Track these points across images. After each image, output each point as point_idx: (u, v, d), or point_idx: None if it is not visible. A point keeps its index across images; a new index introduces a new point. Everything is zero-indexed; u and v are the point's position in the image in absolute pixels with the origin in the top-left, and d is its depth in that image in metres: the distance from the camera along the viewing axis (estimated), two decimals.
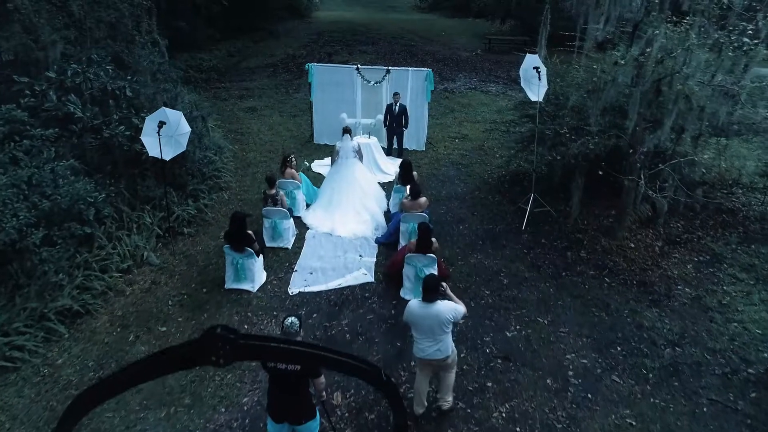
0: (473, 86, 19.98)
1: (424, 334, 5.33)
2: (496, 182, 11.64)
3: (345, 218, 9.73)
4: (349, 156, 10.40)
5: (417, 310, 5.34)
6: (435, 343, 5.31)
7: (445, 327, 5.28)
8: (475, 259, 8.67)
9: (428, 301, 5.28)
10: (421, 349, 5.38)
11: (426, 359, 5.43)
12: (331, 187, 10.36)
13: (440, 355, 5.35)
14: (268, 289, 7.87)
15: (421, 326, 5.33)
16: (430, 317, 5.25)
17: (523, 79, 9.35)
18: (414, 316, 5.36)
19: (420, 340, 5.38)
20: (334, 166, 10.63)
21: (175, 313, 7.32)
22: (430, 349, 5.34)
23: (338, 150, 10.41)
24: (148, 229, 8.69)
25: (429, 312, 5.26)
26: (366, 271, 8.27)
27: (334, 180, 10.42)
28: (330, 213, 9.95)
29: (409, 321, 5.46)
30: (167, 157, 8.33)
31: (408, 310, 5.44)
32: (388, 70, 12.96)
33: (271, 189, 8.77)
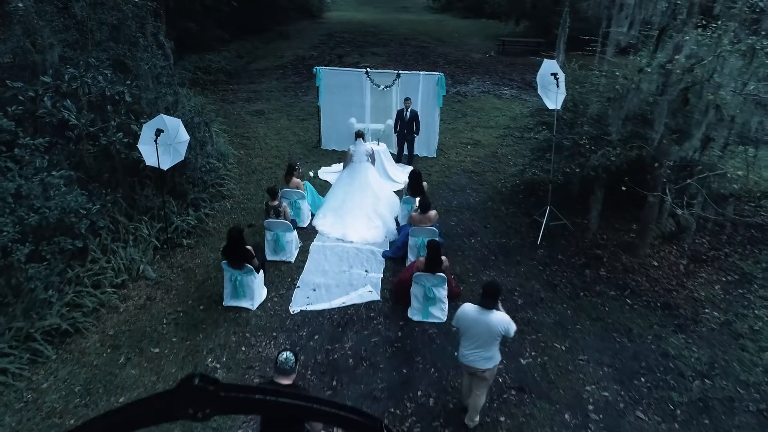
0: (486, 89, 19.48)
1: (471, 340, 5.17)
2: (510, 192, 11.15)
3: (356, 223, 9.43)
4: (363, 160, 10.09)
5: (471, 315, 5.14)
6: (480, 352, 5.15)
7: (495, 339, 5.11)
8: (487, 276, 8.19)
9: (486, 308, 5.09)
10: (464, 355, 5.24)
11: (466, 365, 5.30)
12: (344, 191, 10.02)
13: (481, 365, 5.19)
14: (269, 307, 7.46)
15: (470, 332, 5.16)
16: (483, 325, 5.07)
17: (540, 86, 8.86)
18: (467, 321, 5.17)
19: (465, 345, 5.22)
20: (347, 170, 10.29)
21: (170, 333, 6.93)
22: (472, 356, 5.18)
23: (351, 154, 10.12)
24: (145, 240, 8.32)
25: (483, 319, 5.07)
26: (372, 289, 7.84)
27: (347, 184, 10.09)
28: (341, 217, 9.63)
29: (460, 325, 5.28)
30: (165, 166, 7.95)
31: (462, 313, 5.23)
32: (398, 74, 12.52)
33: (273, 200, 8.37)
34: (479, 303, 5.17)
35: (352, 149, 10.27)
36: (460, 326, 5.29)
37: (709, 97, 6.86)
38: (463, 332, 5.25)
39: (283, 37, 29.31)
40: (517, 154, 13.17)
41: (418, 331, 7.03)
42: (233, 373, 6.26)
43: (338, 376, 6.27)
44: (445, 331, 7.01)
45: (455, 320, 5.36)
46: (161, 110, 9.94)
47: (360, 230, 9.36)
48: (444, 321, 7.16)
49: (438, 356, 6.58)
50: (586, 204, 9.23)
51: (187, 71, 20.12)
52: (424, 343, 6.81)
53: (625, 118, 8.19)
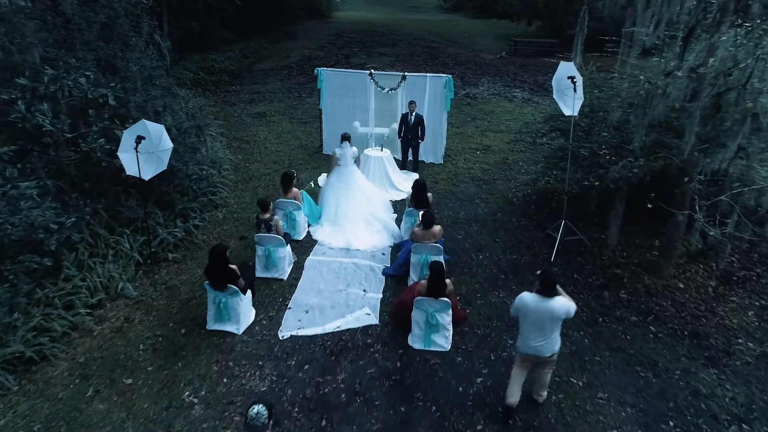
0: (497, 92, 18.77)
1: (532, 328, 5.18)
2: (521, 203, 10.44)
3: (357, 230, 8.99)
4: (349, 163, 9.70)
5: (531, 304, 5.16)
6: (543, 339, 5.17)
7: (556, 324, 5.17)
8: (497, 298, 7.51)
9: (545, 296, 5.11)
10: (527, 343, 5.25)
11: (529, 354, 5.29)
12: (336, 197, 9.53)
13: (545, 352, 5.23)
14: (256, 331, 6.82)
15: (531, 320, 5.17)
16: (544, 312, 5.10)
17: (556, 91, 8.15)
18: (527, 309, 5.18)
19: (527, 334, 5.24)
20: (334, 174, 9.78)
21: (146, 360, 6.31)
22: (535, 343, 5.20)
23: (338, 157, 9.66)
24: (126, 255, 7.73)
25: (544, 306, 5.10)
26: (369, 311, 7.17)
27: (337, 189, 9.60)
28: (339, 226, 9.14)
29: (520, 314, 5.27)
30: (146, 176, 7.35)
31: (521, 302, 5.24)
32: (403, 76, 11.84)
33: (264, 213, 7.73)
34: (537, 292, 5.18)
35: (338, 152, 9.76)
36: (519, 315, 5.29)
37: (748, 104, 6.12)
38: (523, 321, 5.26)
39: (290, 36, 28.75)
40: (529, 161, 12.46)
41: (419, 361, 6.36)
42: (211, 409, 5.63)
43: (328, 414, 5.61)
44: (449, 361, 6.34)
45: (514, 310, 5.35)
46: (150, 114, 9.38)
47: (363, 237, 8.93)
48: (448, 350, 6.49)
49: (440, 392, 5.90)
50: (604, 218, 8.55)
51: (189, 72, 19.63)
52: (425, 376, 6.13)
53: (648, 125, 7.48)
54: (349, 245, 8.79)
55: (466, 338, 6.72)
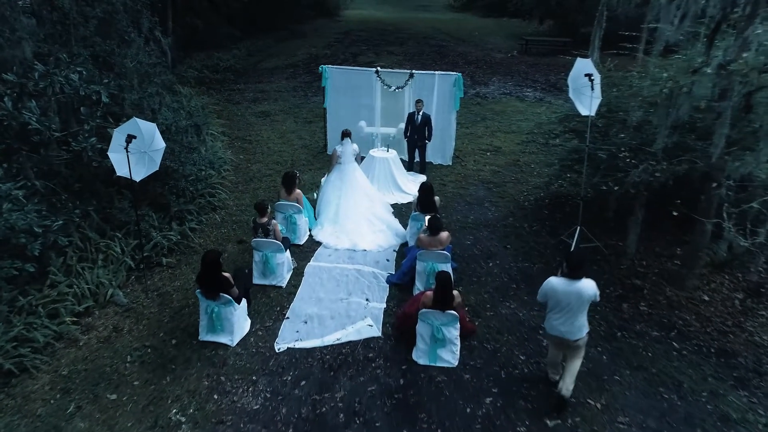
0: (508, 91, 18.29)
1: (560, 311, 5.22)
2: (534, 207, 9.97)
3: (360, 229, 8.68)
4: (351, 161, 9.38)
5: (560, 287, 5.18)
6: (570, 321, 5.20)
7: (584, 306, 5.18)
8: (507, 309, 7.06)
9: (573, 278, 5.13)
10: (554, 326, 5.31)
11: (557, 337, 5.35)
12: (337, 196, 9.21)
13: (572, 336, 5.25)
14: (251, 342, 6.42)
15: (560, 303, 5.20)
16: (573, 295, 5.12)
17: (572, 89, 7.68)
18: (555, 293, 5.21)
19: (554, 317, 5.29)
20: (335, 172, 9.43)
21: (133, 374, 5.92)
22: (563, 327, 5.24)
23: (339, 155, 9.33)
24: (117, 260, 7.35)
25: (572, 289, 5.13)
26: (372, 322, 6.75)
27: (338, 188, 9.28)
28: (341, 226, 8.82)
29: (548, 297, 5.31)
30: (138, 177, 6.96)
31: (549, 286, 5.27)
32: (411, 74, 11.42)
33: (261, 217, 7.33)
34: (565, 275, 5.19)
35: (339, 150, 9.43)
36: (548, 300, 5.30)
37: None
38: (552, 305, 5.28)
39: (298, 35, 28.40)
40: (541, 163, 11.98)
41: (423, 378, 5.92)
42: (200, 429, 5.23)
43: None
44: (456, 379, 5.89)
45: (541, 295, 5.38)
46: (147, 112, 9.02)
47: (367, 236, 8.65)
48: (455, 365, 6.04)
49: (447, 413, 5.46)
50: (622, 224, 8.06)
51: (193, 70, 19.36)
52: (430, 394, 5.69)
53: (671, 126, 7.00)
54: (354, 246, 8.47)
55: (475, 353, 6.27)
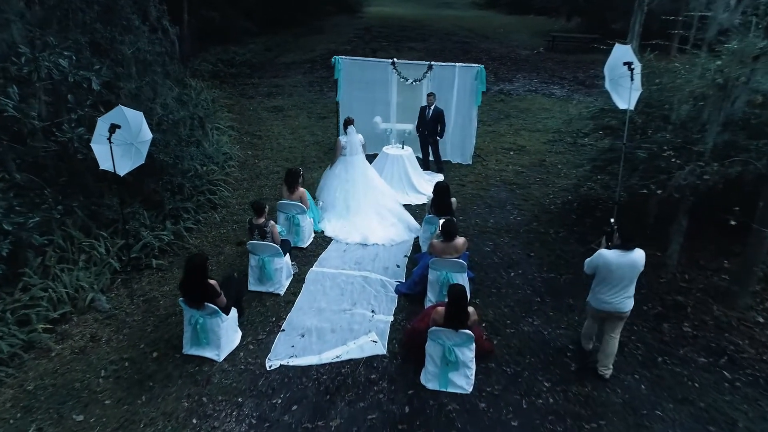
0: (533, 88, 17.38)
1: (612, 284, 5.09)
2: (560, 211, 9.11)
3: (370, 224, 8.17)
4: (357, 152, 8.80)
5: (614, 260, 5.03)
6: (624, 294, 5.11)
7: (636, 278, 5.09)
8: (530, 327, 6.25)
9: (627, 249, 5.01)
10: (604, 300, 5.18)
11: (606, 311, 5.24)
12: (344, 189, 8.62)
13: (624, 308, 5.18)
14: (240, 358, 5.73)
15: (613, 276, 5.06)
16: (627, 266, 5.01)
17: (608, 80, 6.81)
18: (609, 266, 5.04)
19: (604, 290, 5.16)
20: (340, 164, 8.80)
21: (105, 391, 5.28)
22: (614, 299, 5.14)
23: (343, 146, 8.71)
24: (101, 261, 6.74)
25: (626, 261, 5.00)
26: (376, 338, 6.00)
27: (344, 181, 8.69)
28: (350, 221, 8.29)
29: (599, 270, 5.14)
30: (122, 171, 6.33)
31: (601, 259, 5.09)
32: (429, 66, 10.65)
33: (258, 217, 6.64)
34: (618, 247, 5.07)
35: (343, 140, 8.82)
36: (599, 272, 5.14)
37: None
38: (603, 279, 5.13)
39: (317, 31, 27.80)
40: (569, 163, 11.11)
41: (432, 405, 5.16)
42: None
43: None
44: (470, 408, 5.11)
45: (590, 267, 5.23)
46: (145, 103, 8.43)
47: (378, 231, 8.22)
48: (469, 392, 5.27)
49: None
50: (661, 232, 7.19)
51: (208, 63, 18.82)
52: (440, 426, 4.93)
53: (723, 123, 6.13)
54: (365, 240, 8.01)
55: (492, 378, 5.48)
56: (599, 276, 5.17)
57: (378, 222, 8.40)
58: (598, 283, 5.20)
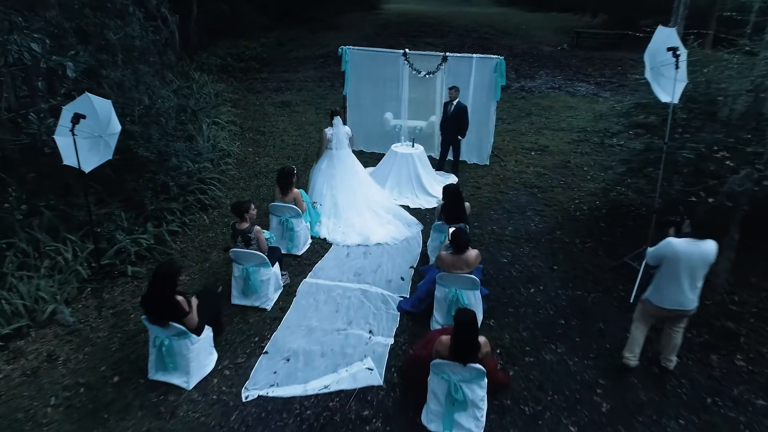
0: (556, 85, 16.39)
1: (679, 278, 4.60)
2: (587, 218, 8.18)
3: (367, 223, 7.70)
4: (344, 145, 8.12)
5: (684, 249, 4.56)
6: (690, 289, 4.63)
7: (706, 270, 4.63)
8: (553, 355, 5.35)
9: (698, 238, 4.57)
10: (668, 296, 4.70)
11: (669, 309, 4.75)
12: (330, 185, 7.95)
13: (691, 305, 4.71)
14: (213, 386, 4.93)
15: (681, 268, 4.58)
16: (698, 258, 4.55)
17: (649, 68, 5.86)
18: (678, 257, 4.57)
19: (670, 285, 4.67)
20: (325, 159, 8.11)
21: (53, 424, 4.52)
22: (681, 296, 4.65)
23: (329, 138, 7.99)
24: (67, 268, 6.01)
25: (698, 251, 4.55)
26: (372, 364, 5.16)
27: (330, 176, 8.02)
28: (342, 220, 7.66)
29: (666, 261, 4.65)
30: (88, 167, 5.59)
31: (669, 248, 4.62)
32: (444, 57, 9.78)
33: (241, 222, 5.84)
34: (687, 235, 4.65)
35: (329, 132, 8.06)
36: (666, 263, 4.66)
37: None
38: (669, 272, 4.64)
39: (333, 27, 27.07)
40: (596, 165, 10.15)
41: None
42: None
43: None
44: None
45: (655, 258, 4.75)
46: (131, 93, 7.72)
47: (377, 229, 7.62)
48: None
49: None
50: None
51: (216, 57, 18.18)
52: None
53: None
54: (366, 240, 7.40)
55: (507, 419, 4.61)
56: (665, 267, 4.68)
57: (375, 220, 7.78)
58: (663, 276, 4.71)
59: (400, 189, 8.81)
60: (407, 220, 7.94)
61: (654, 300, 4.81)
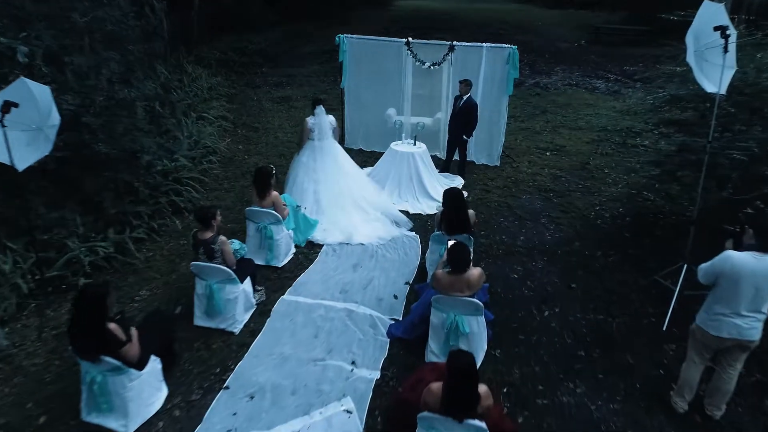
0: (574, 82, 15.39)
1: (739, 300, 3.75)
2: (610, 227, 7.22)
3: (352, 219, 7.05)
4: (327, 136, 7.40)
5: (747, 264, 3.69)
6: (755, 314, 3.76)
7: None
8: (571, 397, 4.43)
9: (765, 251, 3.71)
10: (726, 322, 3.82)
11: (728, 337, 3.85)
12: (312, 179, 7.23)
13: (753, 334, 3.82)
14: (158, 429, 4.08)
15: (742, 288, 3.72)
16: (762, 274, 3.67)
17: (691, 53, 4.88)
18: (739, 273, 3.69)
19: (728, 307, 3.80)
20: (307, 150, 7.39)
21: None
22: (741, 322, 3.78)
23: (311, 128, 7.32)
24: (5, 281, 5.20)
25: (764, 266, 3.67)
26: (352, 406, 4.27)
27: (312, 169, 7.28)
28: (328, 216, 7.08)
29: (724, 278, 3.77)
30: (22, 164, 4.76)
31: (729, 263, 3.74)
32: (451, 46, 8.89)
33: (204, 231, 4.98)
34: (750, 247, 3.77)
35: (311, 122, 7.32)
36: (723, 282, 3.80)
37: None
38: (729, 289, 3.79)
39: (343, 22, 26.16)
40: (618, 167, 9.18)
41: None
42: None
43: None
44: None
45: (709, 274, 3.89)
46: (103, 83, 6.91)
47: (362, 228, 6.95)
48: None
49: None
50: None
51: (218, 50, 17.40)
52: None
53: None
54: (349, 239, 6.75)
55: None
56: (722, 287, 3.84)
57: (361, 217, 7.11)
58: (720, 298, 3.87)
59: (400, 191, 7.92)
60: (396, 218, 7.25)
61: (706, 327, 3.95)
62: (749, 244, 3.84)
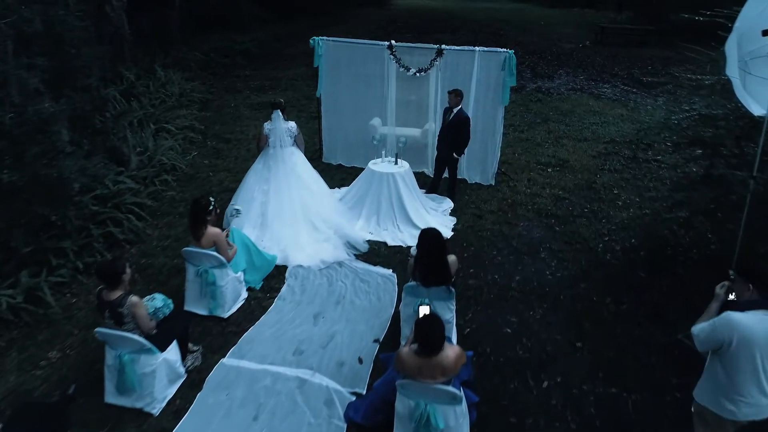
0: (578, 87, 14.31)
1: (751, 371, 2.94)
2: (621, 263, 6.16)
3: (297, 237, 6.30)
4: (286, 144, 6.71)
5: (753, 326, 2.91)
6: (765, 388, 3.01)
7: None
8: None
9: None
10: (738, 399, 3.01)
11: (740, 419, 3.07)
12: (261, 189, 6.58)
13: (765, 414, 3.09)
14: None
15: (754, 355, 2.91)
16: None
17: (731, 62, 3.81)
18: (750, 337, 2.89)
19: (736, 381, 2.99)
20: (262, 158, 6.75)
21: None
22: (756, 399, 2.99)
23: (266, 134, 6.68)
24: None
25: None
26: None
27: (263, 179, 6.62)
28: (270, 230, 6.33)
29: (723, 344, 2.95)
30: None
31: (730, 326, 2.93)
32: (439, 50, 7.87)
33: (111, 290, 3.93)
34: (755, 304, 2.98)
35: (267, 128, 6.68)
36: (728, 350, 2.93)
37: None
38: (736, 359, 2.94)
39: (338, 21, 25.23)
40: (628, 186, 8.13)
41: None
42: None
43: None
44: None
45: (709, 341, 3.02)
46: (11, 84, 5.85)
47: (305, 246, 6.23)
48: None
49: None
50: None
51: (199, 52, 16.37)
52: None
53: None
54: (285, 259, 6.05)
55: None
56: (728, 356, 3.01)
57: (308, 234, 6.36)
58: (725, 370, 3.05)
59: (379, 218, 6.87)
60: (349, 238, 6.44)
61: (713, 406, 3.14)
62: (750, 300, 3.06)
